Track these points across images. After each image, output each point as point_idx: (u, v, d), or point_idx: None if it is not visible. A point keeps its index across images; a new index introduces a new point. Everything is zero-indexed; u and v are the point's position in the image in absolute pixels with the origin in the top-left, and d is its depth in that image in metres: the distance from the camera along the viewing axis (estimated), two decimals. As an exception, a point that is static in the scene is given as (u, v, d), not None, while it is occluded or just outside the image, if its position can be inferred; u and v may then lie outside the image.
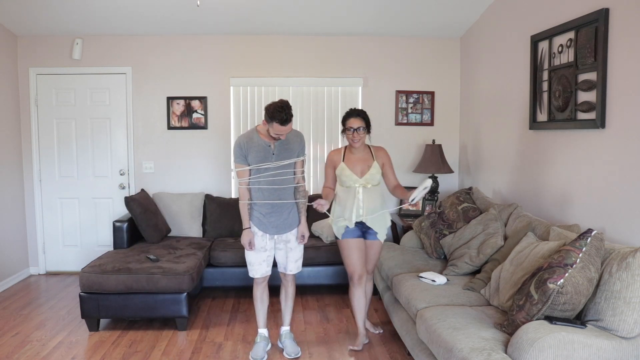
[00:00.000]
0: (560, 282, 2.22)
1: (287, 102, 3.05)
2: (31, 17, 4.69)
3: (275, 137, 3.12)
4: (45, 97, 5.15)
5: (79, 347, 3.51)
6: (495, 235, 3.43)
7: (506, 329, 2.42)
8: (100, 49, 5.11)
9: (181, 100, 5.18)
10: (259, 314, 3.41)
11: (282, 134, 3.08)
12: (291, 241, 3.31)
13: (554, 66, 3.49)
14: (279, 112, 2.99)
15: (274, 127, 3.03)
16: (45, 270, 5.31)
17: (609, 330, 2.22)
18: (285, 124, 3.02)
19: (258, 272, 3.29)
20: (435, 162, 4.90)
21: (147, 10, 4.56)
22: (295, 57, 5.21)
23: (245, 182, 3.22)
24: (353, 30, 5.09)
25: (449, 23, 4.94)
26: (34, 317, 4.06)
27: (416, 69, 5.29)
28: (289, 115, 3.01)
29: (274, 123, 3.02)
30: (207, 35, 5.14)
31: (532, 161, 3.83)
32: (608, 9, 2.92)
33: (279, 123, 3.01)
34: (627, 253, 2.26)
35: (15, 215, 5.05)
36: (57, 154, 5.20)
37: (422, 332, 2.72)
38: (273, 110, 3.00)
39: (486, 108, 4.68)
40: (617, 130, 2.88)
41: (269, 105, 3.04)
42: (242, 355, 3.37)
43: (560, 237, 2.76)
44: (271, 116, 3.01)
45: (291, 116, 3.04)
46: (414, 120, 5.33)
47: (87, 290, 3.67)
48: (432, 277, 3.25)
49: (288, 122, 3.03)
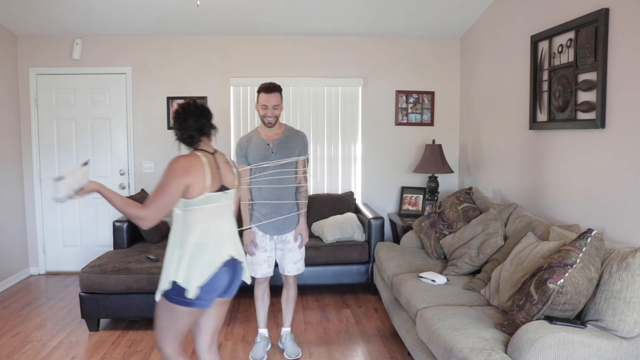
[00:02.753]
0: (560, 282, 2.22)
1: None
2: (31, 17, 4.69)
3: (264, 116, 3.15)
4: (45, 97, 5.15)
5: (79, 347, 3.51)
6: (495, 235, 3.43)
7: (506, 329, 2.42)
8: (100, 49, 5.11)
9: (181, 100, 5.17)
10: (260, 313, 3.41)
11: (268, 107, 3.12)
12: (290, 242, 3.30)
13: (554, 66, 3.49)
14: (264, 84, 3.13)
15: (260, 98, 3.13)
16: (45, 270, 5.31)
17: (609, 330, 2.22)
18: (268, 92, 3.10)
19: (259, 272, 3.29)
20: (435, 162, 4.90)
21: (147, 10, 4.56)
22: (295, 57, 5.21)
23: (246, 182, 3.22)
24: (353, 30, 5.09)
25: (449, 23, 4.94)
26: (34, 317, 4.06)
27: (416, 69, 5.29)
28: (273, 86, 3.11)
29: (260, 94, 3.12)
30: (207, 35, 5.14)
31: (532, 161, 3.83)
32: (608, 9, 2.92)
33: (264, 92, 3.10)
34: (627, 253, 2.26)
35: (15, 215, 5.05)
36: (57, 154, 5.20)
37: (422, 332, 2.72)
38: (260, 85, 3.14)
39: (486, 108, 4.68)
40: (617, 130, 2.88)
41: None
42: (242, 355, 3.37)
43: (560, 237, 2.76)
44: (259, 89, 3.14)
45: (277, 89, 3.12)
46: (414, 120, 5.33)
47: (87, 290, 3.67)
48: (432, 277, 3.25)
49: (272, 91, 3.10)
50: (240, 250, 2.31)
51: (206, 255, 2.13)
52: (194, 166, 2.14)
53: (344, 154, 5.36)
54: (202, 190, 2.14)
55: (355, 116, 5.32)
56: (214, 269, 2.13)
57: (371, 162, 5.36)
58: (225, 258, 2.18)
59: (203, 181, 2.13)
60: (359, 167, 5.37)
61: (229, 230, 2.26)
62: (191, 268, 2.10)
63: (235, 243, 2.30)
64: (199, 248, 2.13)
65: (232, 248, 2.24)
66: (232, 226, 2.30)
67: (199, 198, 2.14)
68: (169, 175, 2.09)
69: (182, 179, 2.09)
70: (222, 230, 2.22)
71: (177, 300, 2.12)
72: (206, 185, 2.14)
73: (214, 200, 2.18)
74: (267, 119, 3.15)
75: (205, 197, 2.15)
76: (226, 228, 2.24)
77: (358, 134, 5.34)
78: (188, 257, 2.11)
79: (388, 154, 5.35)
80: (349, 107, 5.31)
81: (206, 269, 2.12)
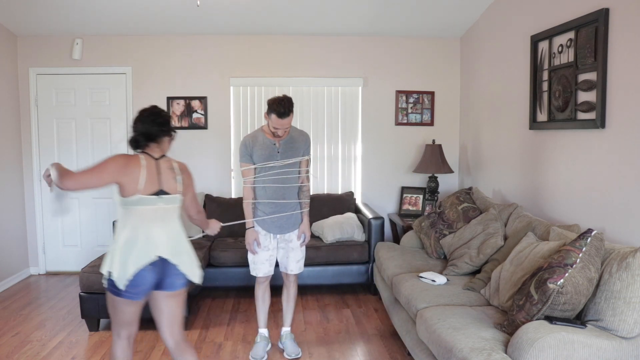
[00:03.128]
0: (560, 282, 2.22)
1: (289, 97, 3.05)
2: (31, 17, 4.69)
3: (274, 133, 3.10)
4: (45, 97, 5.15)
5: (79, 347, 3.51)
6: (495, 235, 3.43)
7: (506, 329, 2.42)
8: (100, 49, 5.11)
9: (181, 100, 5.18)
10: (260, 313, 3.41)
11: (279, 129, 3.06)
12: (293, 241, 3.30)
13: (554, 66, 3.49)
14: (277, 104, 3.00)
15: (272, 119, 3.04)
16: (45, 270, 5.32)
17: (609, 330, 2.22)
18: (282, 117, 3.01)
19: (260, 271, 3.29)
20: (435, 162, 4.90)
21: (147, 10, 4.56)
22: (295, 57, 5.21)
23: (250, 181, 3.22)
24: (353, 30, 5.09)
25: (449, 23, 4.94)
26: (34, 317, 4.06)
27: (416, 69, 5.29)
28: (286, 109, 3.00)
29: (272, 115, 3.03)
30: (207, 35, 5.14)
31: (532, 161, 3.83)
32: (608, 9, 2.92)
33: (276, 115, 3.01)
34: (627, 253, 2.26)
35: (15, 215, 5.05)
36: (57, 154, 5.20)
37: (422, 332, 2.72)
38: (272, 102, 3.02)
39: (486, 108, 4.68)
40: (617, 130, 2.88)
41: (271, 98, 3.07)
42: (242, 355, 3.37)
43: (560, 237, 2.76)
44: (270, 108, 3.03)
45: (290, 111, 3.03)
46: (414, 120, 5.33)
47: (87, 290, 3.67)
48: (432, 277, 3.25)
49: (286, 115, 3.02)
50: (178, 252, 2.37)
51: (133, 253, 2.25)
52: (130, 167, 2.25)
53: (344, 154, 5.36)
54: (134, 192, 2.25)
55: (355, 116, 5.32)
56: (138, 266, 2.25)
57: (371, 162, 5.36)
58: (151, 259, 2.27)
59: (136, 183, 2.24)
60: (359, 167, 5.37)
61: (163, 233, 2.33)
62: (119, 262, 2.24)
63: (173, 246, 2.36)
64: (128, 245, 2.25)
65: (164, 250, 2.32)
66: (170, 229, 2.36)
67: (132, 198, 2.26)
68: (105, 164, 2.24)
69: (112, 174, 2.22)
70: (153, 232, 2.30)
71: (110, 289, 2.30)
72: (139, 187, 2.25)
73: (147, 203, 2.28)
74: (278, 134, 3.12)
75: (138, 198, 2.26)
76: (159, 230, 2.32)
77: (358, 134, 5.34)
78: (118, 252, 2.25)
79: (388, 154, 5.35)
80: (349, 107, 5.31)
81: (131, 266, 2.24)
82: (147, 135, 2.36)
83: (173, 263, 2.34)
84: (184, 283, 2.42)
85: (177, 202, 2.40)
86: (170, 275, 2.36)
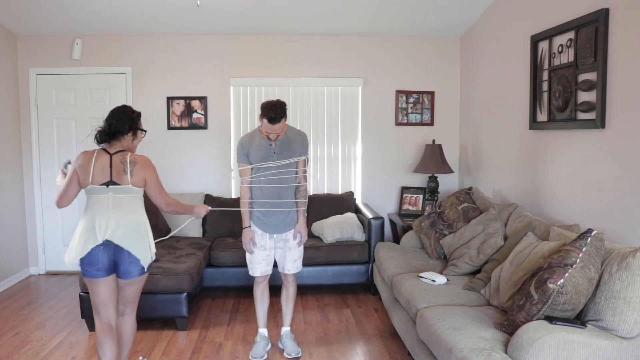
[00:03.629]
0: (560, 282, 2.22)
1: (282, 102, 3.06)
2: (31, 17, 4.69)
3: (267, 136, 3.12)
4: (45, 97, 5.15)
5: (79, 347, 3.51)
6: (495, 235, 3.43)
7: (506, 329, 2.42)
8: (100, 49, 5.11)
9: (181, 100, 5.18)
10: (259, 313, 3.41)
11: (271, 133, 3.09)
12: (290, 240, 3.31)
13: (554, 66, 3.49)
14: (269, 109, 3.01)
15: (264, 124, 3.06)
16: (45, 270, 5.31)
17: (609, 330, 2.22)
18: (272, 123, 3.03)
19: (258, 271, 3.30)
20: (435, 162, 4.90)
21: (147, 10, 4.56)
22: (295, 57, 5.21)
23: (247, 181, 3.23)
24: (353, 30, 5.09)
25: (449, 23, 4.94)
26: (34, 317, 4.06)
27: (416, 69, 5.29)
28: (278, 115, 3.01)
29: (264, 120, 3.05)
30: (207, 35, 5.14)
31: (532, 161, 3.83)
32: (608, 9, 2.92)
33: (267, 121, 3.03)
34: (627, 253, 2.26)
35: (15, 215, 5.05)
36: (57, 154, 5.20)
37: (422, 332, 2.72)
38: (264, 107, 3.04)
39: (486, 108, 4.68)
40: (617, 130, 2.88)
41: (264, 102, 3.08)
42: (242, 355, 3.37)
43: (560, 237, 2.76)
44: (262, 112, 3.05)
45: (282, 117, 3.04)
46: (414, 120, 5.33)
47: (87, 291, 3.66)
48: (432, 277, 3.25)
49: (277, 121, 3.02)
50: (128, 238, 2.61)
51: (85, 235, 2.59)
52: (84, 160, 2.62)
53: (344, 154, 5.36)
54: (87, 182, 2.60)
55: (355, 116, 5.32)
56: (89, 247, 2.57)
57: (371, 162, 5.36)
58: (99, 242, 2.57)
59: (88, 174, 2.59)
60: (359, 167, 5.37)
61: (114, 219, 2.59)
62: (78, 241, 2.60)
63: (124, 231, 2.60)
64: (85, 228, 2.60)
65: (113, 234, 2.58)
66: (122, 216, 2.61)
67: (87, 188, 2.62)
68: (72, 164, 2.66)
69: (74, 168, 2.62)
70: (105, 218, 2.59)
71: (81, 272, 2.66)
72: (89, 178, 2.59)
73: (97, 192, 2.61)
74: (270, 137, 3.14)
75: (90, 188, 2.61)
76: (112, 217, 2.59)
77: (358, 134, 5.34)
78: (78, 234, 2.62)
79: (388, 154, 5.35)
80: (349, 107, 5.31)
81: (84, 246, 2.58)
82: (109, 132, 2.65)
83: (123, 248, 2.60)
84: (139, 271, 2.68)
85: (130, 192, 2.64)
86: (124, 262, 2.63)
